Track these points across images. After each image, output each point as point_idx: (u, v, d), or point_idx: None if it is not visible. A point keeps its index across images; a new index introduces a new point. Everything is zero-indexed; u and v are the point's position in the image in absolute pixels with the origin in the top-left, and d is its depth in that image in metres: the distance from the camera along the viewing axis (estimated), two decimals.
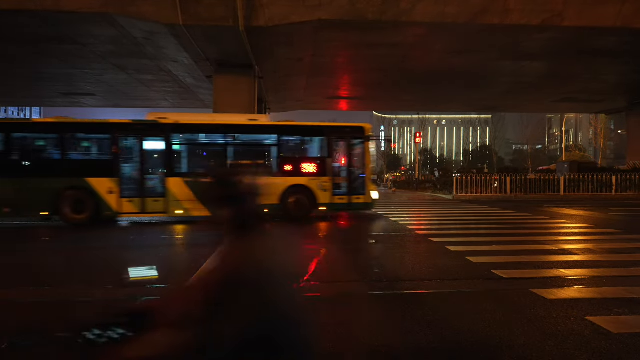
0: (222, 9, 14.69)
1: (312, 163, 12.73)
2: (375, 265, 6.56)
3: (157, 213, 12.02)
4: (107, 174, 11.79)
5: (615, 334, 3.68)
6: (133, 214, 11.93)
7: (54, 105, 38.15)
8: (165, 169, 12.19)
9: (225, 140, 12.72)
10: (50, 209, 11.45)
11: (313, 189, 12.49)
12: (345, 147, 13.06)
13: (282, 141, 12.88)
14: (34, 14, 14.38)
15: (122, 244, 9.08)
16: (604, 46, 17.88)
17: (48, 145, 12.26)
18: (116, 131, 12.03)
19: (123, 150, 12.15)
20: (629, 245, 8.13)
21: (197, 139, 13.05)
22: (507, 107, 38.63)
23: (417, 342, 3.57)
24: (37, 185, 11.37)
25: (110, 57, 20.14)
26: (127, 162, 12.11)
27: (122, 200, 11.78)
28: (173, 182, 11.97)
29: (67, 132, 12.04)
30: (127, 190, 11.89)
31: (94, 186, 11.64)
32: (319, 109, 39.67)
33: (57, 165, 11.83)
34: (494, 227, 11.05)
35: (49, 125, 12.29)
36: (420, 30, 16.26)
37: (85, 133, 12.56)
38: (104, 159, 12.16)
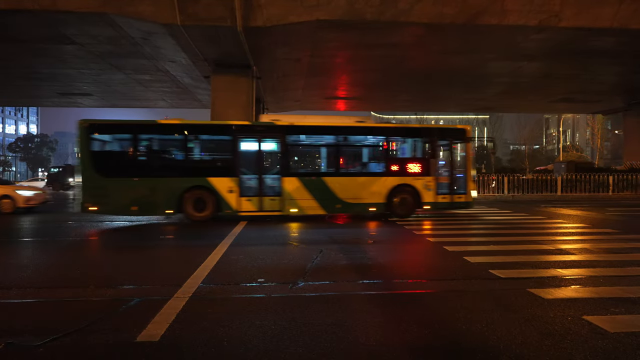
0: (220, 9, 14.68)
1: (417, 163, 13.18)
2: (373, 265, 6.56)
3: (273, 211, 12.44)
4: (227, 173, 12.21)
5: (612, 333, 3.70)
6: (251, 212, 12.34)
7: (51, 105, 38.08)
8: (281, 169, 12.59)
9: (336, 141, 13.10)
10: (175, 207, 11.92)
11: (418, 188, 12.99)
12: (449, 148, 13.70)
13: (389, 142, 13.38)
14: (31, 13, 14.35)
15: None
16: (601, 47, 17.95)
17: (172, 145, 12.71)
18: (236, 132, 12.48)
19: (242, 150, 12.57)
20: (625, 245, 8.16)
21: (309, 140, 13.48)
22: (504, 107, 38.73)
23: (414, 341, 3.58)
24: (163, 184, 11.95)
25: (107, 57, 20.12)
26: (246, 162, 12.57)
27: (242, 199, 12.24)
28: (288, 181, 12.43)
29: (191, 133, 12.45)
30: (246, 189, 12.35)
31: (215, 185, 12.08)
32: (317, 109, 39.66)
33: (181, 166, 12.37)
34: (491, 227, 11.07)
35: (173, 126, 12.52)
36: (418, 31, 16.29)
37: (208, 134, 13.00)
38: (225, 159, 12.63)
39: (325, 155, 13.32)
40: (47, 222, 12.55)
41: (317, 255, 7.16)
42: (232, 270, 6.10)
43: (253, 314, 4.24)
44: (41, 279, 5.81)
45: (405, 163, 13.16)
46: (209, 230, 10.47)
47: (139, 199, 11.76)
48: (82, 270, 6.26)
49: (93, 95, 29.92)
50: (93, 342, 3.52)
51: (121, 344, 3.51)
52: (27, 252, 8.09)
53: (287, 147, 12.67)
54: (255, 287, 5.22)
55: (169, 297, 4.71)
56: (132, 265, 6.70)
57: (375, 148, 13.59)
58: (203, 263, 6.45)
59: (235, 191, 12.13)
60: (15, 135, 77.06)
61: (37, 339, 3.55)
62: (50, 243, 8.87)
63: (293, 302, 4.62)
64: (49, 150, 71.88)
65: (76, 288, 5.21)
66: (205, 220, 11.95)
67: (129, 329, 3.81)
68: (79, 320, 4.02)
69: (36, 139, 72.53)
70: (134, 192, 11.80)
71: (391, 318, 4.16)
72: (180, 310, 4.29)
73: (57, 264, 6.81)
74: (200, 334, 3.70)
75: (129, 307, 4.44)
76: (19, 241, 9.32)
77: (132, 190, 11.81)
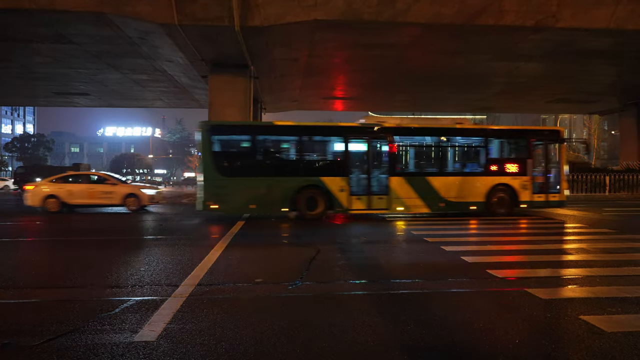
0: (217, 9, 14.66)
1: (515, 163, 13.72)
2: (370, 265, 6.57)
3: (380, 210, 12.94)
4: (338, 173, 12.75)
5: (609, 333, 3.71)
6: (360, 210, 12.85)
7: (47, 105, 37.97)
8: (388, 168, 13.09)
9: (439, 142, 13.81)
10: (290, 206, 12.44)
11: (515, 187, 13.50)
12: (544, 149, 14.12)
13: (488, 143, 13.84)
14: (28, 12, 14.30)
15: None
16: (598, 48, 18.01)
17: (288, 146, 13.31)
18: (347, 133, 13.02)
19: (352, 150, 13.15)
20: (622, 245, 8.19)
21: (415, 141, 14.12)
22: (501, 107, 38.81)
23: (412, 341, 3.58)
24: (279, 183, 12.46)
25: (104, 57, 20.07)
26: (356, 162, 13.17)
27: (352, 198, 12.73)
28: (395, 180, 12.96)
29: (305, 134, 13.07)
30: (355, 188, 12.86)
31: (327, 184, 12.60)
32: (314, 109, 39.70)
33: (295, 165, 12.93)
34: (488, 227, 11.10)
35: (288, 127, 13.18)
36: (416, 31, 16.30)
37: (320, 135, 13.59)
38: (336, 159, 13.25)
39: (429, 155, 14.10)
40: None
41: (314, 254, 7.16)
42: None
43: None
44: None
45: (503, 163, 13.75)
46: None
47: (256, 197, 12.26)
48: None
49: (90, 95, 29.83)
50: (90, 342, 3.51)
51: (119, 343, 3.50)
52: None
53: (394, 148, 13.22)
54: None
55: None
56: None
57: (475, 149, 14.21)
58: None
59: (345, 190, 12.64)
60: (12, 135, 76.74)
61: (34, 339, 3.54)
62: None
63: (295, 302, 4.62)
64: (46, 150, 71.60)
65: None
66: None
67: (133, 326, 3.81)
68: (77, 320, 4.01)
69: (33, 138, 72.24)
70: (251, 191, 12.31)
71: (389, 318, 4.16)
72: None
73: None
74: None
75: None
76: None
77: (250, 189, 12.32)
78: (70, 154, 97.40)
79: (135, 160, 77.05)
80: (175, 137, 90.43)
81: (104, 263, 6.64)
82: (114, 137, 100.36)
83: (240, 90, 20.06)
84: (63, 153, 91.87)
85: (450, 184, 13.27)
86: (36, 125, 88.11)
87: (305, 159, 13.08)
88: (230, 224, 11.50)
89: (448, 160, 14.12)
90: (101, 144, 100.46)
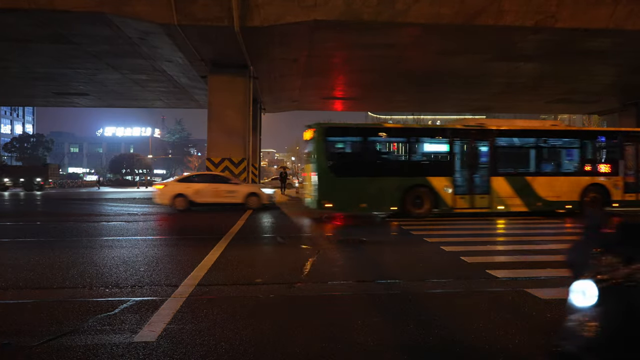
0: (217, 9, 14.66)
1: (607, 164, 14.16)
2: (369, 265, 6.57)
3: (482, 208, 13.31)
4: (443, 173, 13.25)
5: None
6: (464, 209, 13.24)
7: (47, 105, 37.97)
8: (489, 169, 13.51)
9: (537, 143, 14.15)
10: (398, 205, 12.80)
11: (608, 187, 13.86)
12: (634, 149, 14.43)
13: (583, 144, 14.26)
14: (28, 13, 14.28)
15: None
16: (598, 48, 18.01)
17: (397, 147, 13.86)
18: (451, 135, 13.53)
19: (456, 152, 13.61)
20: None
21: (514, 142, 14.47)
22: (501, 108, 38.81)
23: (412, 341, 3.59)
24: (389, 183, 12.91)
25: (104, 57, 20.06)
26: (459, 162, 13.59)
27: (456, 197, 13.19)
28: (496, 180, 13.40)
29: (412, 136, 13.56)
30: (459, 187, 13.29)
31: (433, 184, 13.06)
32: (314, 109, 39.64)
33: (403, 166, 13.50)
34: (488, 228, 11.11)
35: (397, 129, 14.26)
36: (415, 31, 16.30)
37: (427, 137, 14.06)
38: (441, 160, 13.75)
39: (528, 156, 14.21)
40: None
41: (314, 254, 7.16)
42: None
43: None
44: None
45: (597, 163, 14.16)
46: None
47: (367, 196, 12.70)
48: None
49: (89, 95, 29.82)
50: (90, 343, 3.51)
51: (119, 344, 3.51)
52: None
53: (495, 149, 13.64)
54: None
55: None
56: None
57: (571, 150, 14.47)
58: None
59: (450, 189, 13.12)
60: (11, 135, 76.67)
61: (34, 340, 3.54)
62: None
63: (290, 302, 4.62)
64: (45, 150, 71.56)
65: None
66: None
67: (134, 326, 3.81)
68: (77, 320, 4.01)
69: (32, 138, 72.19)
70: (363, 190, 12.70)
71: (389, 318, 4.17)
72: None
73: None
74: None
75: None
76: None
77: (361, 189, 12.71)
78: (70, 154, 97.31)
79: (134, 161, 77.00)
80: (175, 137, 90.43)
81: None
82: (114, 137, 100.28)
83: (239, 91, 20.07)
84: (62, 153, 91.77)
85: (547, 183, 13.67)
86: (35, 126, 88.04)
87: (413, 159, 13.55)
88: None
89: (545, 161, 14.51)
90: (100, 144, 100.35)
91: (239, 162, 20.28)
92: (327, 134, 13.06)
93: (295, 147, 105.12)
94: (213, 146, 20.41)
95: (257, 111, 30.24)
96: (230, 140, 20.11)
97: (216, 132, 20.23)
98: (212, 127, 20.28)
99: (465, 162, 13.60)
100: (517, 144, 14.51)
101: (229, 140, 20.11)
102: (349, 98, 31.21)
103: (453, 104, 33.75)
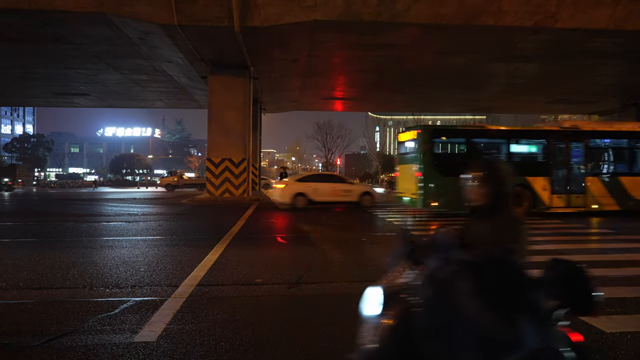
0: (217, 10, 14.67)
1: None
2: (369, 265, 6.58)
3: (577, 208, 13.77)
4: (541, 173, 13.74)
5: (608, 333, 3.72)
6: (560, 208, 13.71)
7: (47, 105, 37.99)
8: (584, 169, 14.05)
9: (628, 144, 14.62)
10: None
11: None
12: None
13: None
14: (28, 13, 14.30)
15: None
16: (598, 48, 18.02)
17: (497, 147, 14.15)
18: (549, 136, 14.05)
19: (553, 152, 14.04)
20: (621, 245, 8.20)
21: (607, 143, 14.86)
22: (501, 108, 38.81)
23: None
24: None
25: (104, 57, 20.08)
26: (556, 162, 14.05)
27: (553, 196, 13.68)
28: (590, 180, 13.94)
29: (512, 137, 14.07)
30: (556, 187, 13.77)
31: (531, 184, 13.55)
32: (314, 109, 39.69)
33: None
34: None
35: (497, 131, 14.83)
36: (415, 32, 16.31)
37: (526, 137, 14.51)
38: (539, 160, 14.18)
39: (621, 156, 14.75)
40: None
41: (312, 257, 7.15)
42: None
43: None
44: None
45: None
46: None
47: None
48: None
49: (90, 95, 29.85)
50: (90, 343, 3.52)
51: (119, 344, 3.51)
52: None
53: (589, 150, 14.13)
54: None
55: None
56: None
57: None
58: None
59: (547, 189, 13.62)
60: (11, 135, 76.72)
61: (34, 340, 3.55)
62: None
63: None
64: (45, 150, 71.61)
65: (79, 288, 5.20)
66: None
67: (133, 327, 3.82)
68: (77, 320, 4.02)
69: (32, 139, 72.22)
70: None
71: None
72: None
73: None
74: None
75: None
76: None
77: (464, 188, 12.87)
78: (70, 154, 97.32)
79: (134, 161, 77.04)
80: (175, 138, 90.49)
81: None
82: (114, 137, 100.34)
83: (240, 91, 20.09)
84: (63, 153, 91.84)
85: (639, 183, 14.09)
86: (36, 126, 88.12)
87: (512, 159, 13.84)
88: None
89: (637, 161, 14.78)
90: (101, 144, 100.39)
91: (239, 163, 20.29)
92: (433, 135, 13.64)
93: (296, 147, 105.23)
94: (213, 146, 20.43)
95: (257, 111, 30.27)
96: (230, 141, 20.13)
97: (216, 133, 20.25)
98: (212, 127, 20.30)
99: (562, 162, 14.05)
100: (610, 145, 14.89)
101: (229, 140, 20.12)
102: (349, 98, 31.22)
103: (453, 104, 33.77)
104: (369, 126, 75.65)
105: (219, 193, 20.20)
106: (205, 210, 16.53)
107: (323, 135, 60.80)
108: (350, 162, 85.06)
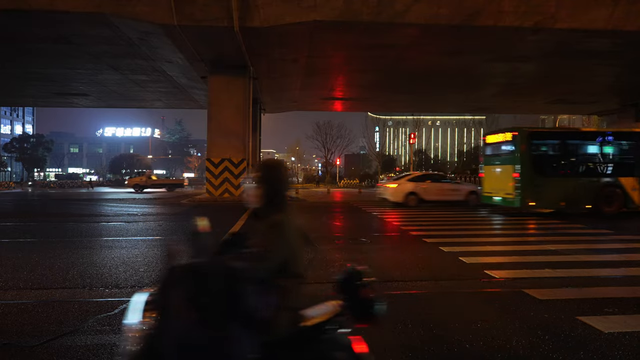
0: (216, 10, 14.69)
1: None
2: (368, 266, 6.59)
3: None
4: (632, 173, 14.15)
5: (606, 333, 3.74)
6: None
7: (47, 105, 38.01)
8: None
9: None
10: (592, 204, 13.73)
11: None
12: None
13: None
14: (28, 13, 14.32)
15: None
16: (597, 48, 18.03)
17: (591, 149, 14.49)
18: (638, 138, 14.46)
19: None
20: (619, 245, 8.22)
21: None
22: (501, 108, 38.85)
23: (410, 341, 3.60)
24: (584, 183, 13.90)
25: (104, 57, 20.09)
26: None
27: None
28: None
29: (604, 138, 14.38)
30: None
31: (623, 184, 13.99)
32: (314, 109, 39.71)
33: (597, 167, 14.33)
34: (486, 228, 11.12)
35: (592, 133, 15.14)
36: (414, 32, 16.32)
37: (618, 139, 14.72)
38: (629, 161, 14.46)
39: None
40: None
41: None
42: None
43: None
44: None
45: None
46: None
47: (565, 195, 13.63)
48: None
49: (89, 96, 29.86)
50: (90, 343, 3.53)
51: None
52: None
53: None
54: None
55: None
56: None
57: None
58: None
59: (637, 189, 14.03)
60: (11, 135, 76.65)
61: (34, 340, 3.56)
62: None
63: None
64: (45, 150, 71.53)
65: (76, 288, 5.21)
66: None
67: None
68: (77, 320, 4.03)
69: (32, 139, 72.14)
70: (562, 189, 13.63)
71: (388, 318, 4.18)
72: None
73: None
74: None
75: None
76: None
77: (561, 188, 13.64)
78: (70, 154, 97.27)
79: (134, 161, 76.97)
80: (175, 138, 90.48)
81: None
82: (113, 137, 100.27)
83: (239, 91, 20.10)
84: (62, 153, 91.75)
85: None
86: (35, 126, 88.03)
87: (605, 160, 14.29)
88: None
89: None
90: (100, 145, 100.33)
91: (239, 163, 20.30)
92: (531, 137, 13.93)
93: (295, 147, 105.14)
94: (213, 147, 20.43)
95: (257, 111, 30.29)
96: (230, 141, 20.13)
97: (216, 133, 20.25)
98: (212, 127, 20.31)
99: None
100: None
101: (229, 140, 20.13)
102: (349, 98, 31.24)
103: (453, 104, 33.80)
104: (369, 126, 75.63)
105: (219, 193, 20.21)
106: (205, 210, 16.54)
107: (323, 135, 60.72)
108: (349, 162, 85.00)
